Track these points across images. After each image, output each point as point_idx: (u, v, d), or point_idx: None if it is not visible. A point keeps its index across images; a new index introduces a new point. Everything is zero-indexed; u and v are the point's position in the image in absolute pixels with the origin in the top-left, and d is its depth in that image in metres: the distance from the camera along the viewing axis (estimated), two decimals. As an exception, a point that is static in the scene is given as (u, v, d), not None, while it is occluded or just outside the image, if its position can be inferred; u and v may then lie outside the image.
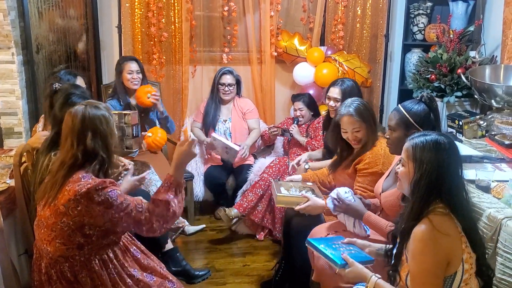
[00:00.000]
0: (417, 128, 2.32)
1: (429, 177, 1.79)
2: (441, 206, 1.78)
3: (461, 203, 1.78)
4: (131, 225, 2.00)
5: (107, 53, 4.65)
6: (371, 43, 4.93)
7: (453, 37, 4.03)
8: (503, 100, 3.45)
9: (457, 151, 1.81)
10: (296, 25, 4.88)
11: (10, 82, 3.47)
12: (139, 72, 3.89)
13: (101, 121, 2.05)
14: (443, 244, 1.73)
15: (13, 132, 3.55)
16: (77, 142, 2.02)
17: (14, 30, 3.43)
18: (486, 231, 2.37)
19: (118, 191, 2.00)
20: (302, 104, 4.23)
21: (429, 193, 1.80)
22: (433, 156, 1.78)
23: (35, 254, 2.13)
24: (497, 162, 3.07)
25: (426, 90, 4.00)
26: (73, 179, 1.96)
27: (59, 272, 2.01)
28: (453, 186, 1.79)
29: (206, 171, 4.24)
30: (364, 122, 2.77)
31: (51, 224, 1.99)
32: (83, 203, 1.92)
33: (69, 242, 1.98)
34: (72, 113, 2.06)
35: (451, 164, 1.78)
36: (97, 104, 2.11)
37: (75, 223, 1.95)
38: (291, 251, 3.01)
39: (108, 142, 2.06)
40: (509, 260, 2.25)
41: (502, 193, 2.54)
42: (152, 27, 4.48)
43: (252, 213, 3.77)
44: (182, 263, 3.22)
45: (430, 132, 1.87)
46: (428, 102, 2.37)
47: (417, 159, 1.82)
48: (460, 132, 3.67)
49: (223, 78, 4.27)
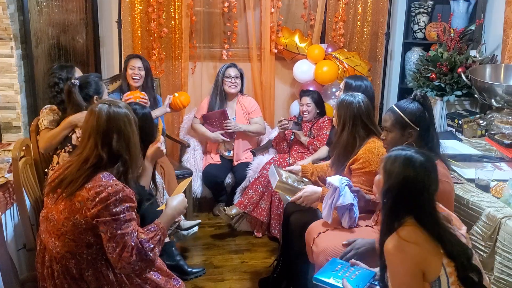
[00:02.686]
0: (413, 128, 2.32)
1: (395, 190, 1.80)
2: (412, 222, 1.79)
3: (430, 221, 1.77)
4: (118, 248, 1.91)
5: (107, 48, 4.64)
6: (371, 41, 4.93)
7: (453, 36, 4.03)
8: (503, 99, 3.45)
9: (429, 172, 1.80)
10: (296, 22, 4.87)
11: (9, 76, 3.45)
12: (141, 69, 3.94)
13: (125, 123, 2.03)
14: (412, 253, 1.73)
15: (11, 127, 3.53)
16: (102, 142, 1.99)
17: (13, 23, 3.41)
18: (485, 230, 2.37)
19: (133, 213, 1.97)
20: (310, 100, 4.20)
21: (396, 206, 1.81)
22: (400, 171, 1.79)
23: (39, 246, 2.11)
24: (497, 161, 3.08)
25: (426, 89, 3.99)
26: (94, 178, 1.94)
27: (64, 267, 1.99)
28: (421, 204, 1.78)
29: (204, 169, 4.23)
30: (336, 112, 2.80)
31: (63, 218, 1.96)
32: (98, 207, 1.90)
33: (79, 240, 1.96)
34: (96, 112, 2.02)
35: (418, 182, 1.77)
36: (119, 103, 2.09)
37: (87, 223, 1.93)
38: (289, 248, 3.01)
39: (131, 144, 2.04)
40: (507, 259, 2.26)
41: (501, 193, 2.55)
42: (152, 23, 4.46)
43: (256, 211, 3.77)
44: (176, 258, 3.19)
45: (412, 149, 1.88)
46: (422, 100, 2.35)
47: (386, 171, 1.85)
48: (459, 131, 3.68)
49: (228, 70, 4.25)
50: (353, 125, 2.74)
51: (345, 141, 2.76)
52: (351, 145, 2.76)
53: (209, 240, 3.92)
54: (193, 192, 4.17)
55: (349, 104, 2.75)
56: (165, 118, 4.55)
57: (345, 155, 2.78)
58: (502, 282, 2.29)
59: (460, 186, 2.72)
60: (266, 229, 3.91)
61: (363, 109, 2.75)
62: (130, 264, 1.91)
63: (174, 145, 4.63)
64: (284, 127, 4.10)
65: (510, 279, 2.25)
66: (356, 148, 2.74)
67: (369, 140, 2.74)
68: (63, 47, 4.10)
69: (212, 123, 4.23)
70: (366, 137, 2.75)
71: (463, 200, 2.58)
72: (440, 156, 2.33)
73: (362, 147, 2.72)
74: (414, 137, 2.32)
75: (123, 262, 1.91)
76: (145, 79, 3.99)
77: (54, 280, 2.02)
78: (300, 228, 2.74)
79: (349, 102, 2.75)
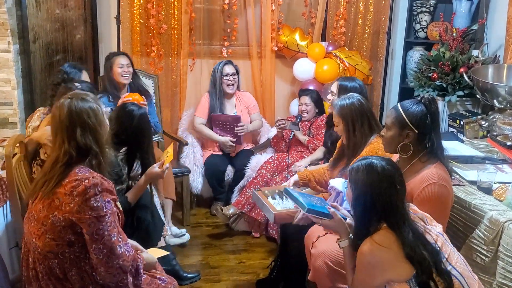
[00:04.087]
0: (412, 129, 2.27)
1: (363, 197, 1.88)
2: (385, 226, 1.86)
3: (398, 224, 1.84)
4: (105, 250, 1.89)
5: (105, 44, 4.60)
6: (372, 40, 4.89)
7: (456, 35, 3.99)
8: (505, 100, 3.41)
9: (393, 176, 1.88)
10: (297, 20, 4.83)
11: (6, 72, 3.41)
12: (129, 66, 3.83)
13: (89, 115, 1.97)
14: (382, 256, 1.81)
15: (7, 122, 3.49)
16: (68, 138, 1.95)
17: (11, 18, 3.36)
18: (488, 234, 2.33)
19: (113, 207, 1.94)
20: (309, 100, 4.16)
21: (366, 213, 1.89)
22: (364, 178, 1.88)
23: (23, 248, 2.07)
24: (499, 163, 3.04)
25: (428, 89, 3.96)
26: (70, 173, 1.91)
27: (48, 268, 1.95)
28: (388, 208, 1.85)
29: (206, 160, 4.21)
30: (342, 119, 2.74)
31: (42, 217, 1.93)
32: (77, 202, 1.86)
33: (59, 238, 1.92)
34: (59, 106, 1.99)
35: (383, 186, 1.85)
36: (84, 96, 2.03)
37: (66, 220, 1.89)
38: (287, 250, 2.97)
39: (98, 135, 1.99)
40: (510, 264, 2.22)
41: (504, 195, 2.51)
42: (151, 19, 4.42)
43: (254, 211, 3.73)
44: (172, 262, 3.15)
45: (372, 157, 1.96)
46: (427, 104, 2.30)
47: (352, 181, 1.94)
48: (461, 132, 3.64)
49: (225, 68, 4.22)
50: (362, 123, 2.72)
51: (358, 141, 2.73)
52: (360, 144, 2.74)
53: (206, 239, 3.88)
54: (194, 188, 4.14)
55: (352, 105, 2.72)
56: (163, 116, 4.53)
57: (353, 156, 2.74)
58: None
59: (462, 188, 2.67)
60: (264, 229, 3.87)
61: (365, 105, 2.75)
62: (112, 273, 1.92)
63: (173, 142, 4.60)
64: (281, 127, 4.05)
65: (512, 284, 2.21)
66: (361, 147, 2.72)
67: (373, 140, 2.70)
68: (61, 42, 4.05)
69: (223, 127, 4.20)
70: (369, 134, 2.73)
71: (465, 202, 2.53)
72: (440, 159, 2.28)
73: (366, 147, 2.69)
74: (411, 139, 2.27)
75: (107, 267, 1.90)
76: (133, 75, 3.88)
77: (39, 282, 1.98)
78: (299, 230, 2.70)
79: (350, 103, 2.72)
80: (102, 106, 2.08)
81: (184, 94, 4.72)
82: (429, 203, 2.15)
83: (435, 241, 1.87)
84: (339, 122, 2.75)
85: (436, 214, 2.05)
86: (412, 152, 2.28)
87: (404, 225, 1.82)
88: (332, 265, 2.36)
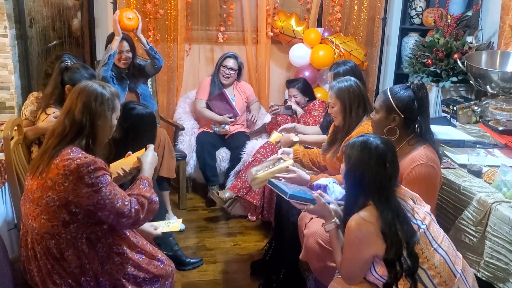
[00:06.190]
0: (398, 114, 2.31)
1: (353, 172, 1.94)
2: (371, 203, 1.91)
3: (381, 201, 1.89)
4: (112, 215, 1.97)
5: (102, 29, 4.59)
6: (368, 26, 4.90)
7: (450, 21, 4.01)
8: (498, 86, 3.44)
9: (384, 155, 1.92)
10: (293, 5, 4.83)
11: (3, 56, 3.42)
12: (129, 52, 3.76)
13: (96, 98, 2.01)
14: (367, 230, 1.86)
15: (5, 107, 3.52)
16: (67, 110, 2.00)
17: (7, 2, 3.37)
18: (476, 215, 2.38)
19: (109, 178, 1.98)
20: (297, 91, 4.19)
21: (354, 188, 1.96)
22: (358, 154, 1.93)
23: (22, 229, 2.10)
24: (490, 147, 3.08)
25: (422, 75, 3.98)
26: (62, 153, 1.93)
27: (45, 248, 1.99)
28: (374, 185, 1.90)
29: (198, 135, 4.30)
30: (339, 100, 2.77)
31: (36, 198, 1.96)
32: (71, 180, 1.89)
33: (54, 219, 1.95)
34: (80, 83, 2.08)
35: (372, 163, 1.90)
36: (105, 85, 2.08)
37: (60, 199, 1.92)
38: (282, 232, 3.01)
39: (95, 122, 2.02)
40: (497, 244, 2.27)
41: (493, 178, 2.56)
42: (147, 4, 4.42)
43: (249, 195, 3.77)
44: (174, 247, 3.19)
45: (370, 135, 2.02)
46: (416, 89, 2.32)
47: (346, 155, 1.99)
48: (454, 117, 3.68)
49: (227, 60, 4.29)
50: (358, 105, 2.77)
51: (353, 122, 2.77)
52: (353, 126, 2.78)
53: (203, 223, 3.93)
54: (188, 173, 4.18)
55: (350, 87, 2.76)
56: (159, 101, 4.54)
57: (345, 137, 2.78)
58: (492, 267, 2.31)
59: (453, 171, 2.72)
60: (260, 213, 3.92)
61: (361, 88, 2.80)
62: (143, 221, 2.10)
63: (169, 127, 4.62)
64: (275, 112, 4.11)
65: (500, 263, 2.26)
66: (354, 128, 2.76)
67: (363, 122, 2.75)
68: (58, 27, 4.06)
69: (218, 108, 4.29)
70: (362, 116, 2.78)
71: (455, 185, 2.58)
72: (429, 142, 2.32)
73: (357, 128, 2.73)
74: (398, 123, 2.32)
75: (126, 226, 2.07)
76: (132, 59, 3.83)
77: (38, 262, 2.02)
78: (293, 213, 2.74)
79: (348, 85, 2.76)
80: (117, 104, 2.11)
81: (181, 79, 4.74)
82: (417, 183, 2.20)
83: (422, 220, 1.92)
84: (335, 103, 2.79)
85: (424, 194, 2.10)
86: (400, 136, 2.33)
87: (386, 203, 1.87)
88: (324, 244, 2.40)
